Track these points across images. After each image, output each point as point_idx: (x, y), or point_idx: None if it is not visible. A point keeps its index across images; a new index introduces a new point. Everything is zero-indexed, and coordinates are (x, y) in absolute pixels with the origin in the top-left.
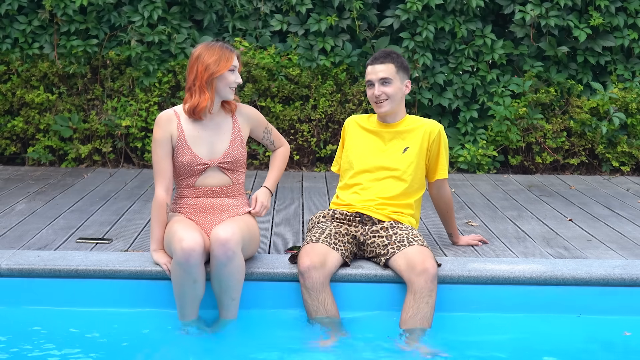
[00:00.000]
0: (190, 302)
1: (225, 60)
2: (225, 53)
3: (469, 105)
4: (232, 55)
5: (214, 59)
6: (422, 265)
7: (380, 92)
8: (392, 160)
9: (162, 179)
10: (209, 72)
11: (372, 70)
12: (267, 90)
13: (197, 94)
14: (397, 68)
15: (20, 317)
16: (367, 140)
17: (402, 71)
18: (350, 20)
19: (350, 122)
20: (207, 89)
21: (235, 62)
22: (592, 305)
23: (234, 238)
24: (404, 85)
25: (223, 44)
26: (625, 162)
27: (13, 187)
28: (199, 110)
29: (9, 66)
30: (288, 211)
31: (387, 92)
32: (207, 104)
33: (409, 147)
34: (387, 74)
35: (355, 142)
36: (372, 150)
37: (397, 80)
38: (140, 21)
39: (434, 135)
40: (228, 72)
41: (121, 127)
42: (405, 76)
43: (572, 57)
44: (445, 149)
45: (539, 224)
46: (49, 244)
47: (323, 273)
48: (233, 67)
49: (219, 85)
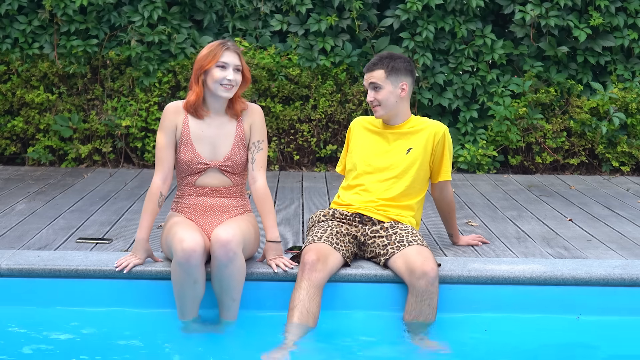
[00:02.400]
0: (190, 302)
1: (212, 56)
2: (216, 49)
3: (469, 105)
4: (220, 50)
5: (204, 53)
6: (421, 268)
7: (372, 98)
8: (394, 161)
9: (161, 168)
10: (198, 66)
11: (366, 77)
12: (267, 90)
13: (191, 89)
14: (387, 73)
15: (20, 317)
16: (371, 142)
17: (393, 74)
18: (350, 20)
19: (355, 124)
20: (197, 85)
21: (226, 59)
22: (592, 305)
23: (235, 239)
24: (398, 89)
25: (223, 41)
26: (625, 162)
27: (13, 187)
28: (193, 106)
29: (9, 66)
30: (288, 211)
31: (377, 98)
32: (197, 100)
33: (412, 148)
34: (376, 79)
35: (359, 144)
36: (375, 152)
37: (387, 85)
38: (140, 21)
39: (439, 136)
40: (216, 68)
41: (121, 127)
42: (399, 78)
43: (572, 57)
44: (450, 151)
45: (539, 224)
46: (49, 244)
47: (324, 272)
48: (222, 63)
49: (208, 81)
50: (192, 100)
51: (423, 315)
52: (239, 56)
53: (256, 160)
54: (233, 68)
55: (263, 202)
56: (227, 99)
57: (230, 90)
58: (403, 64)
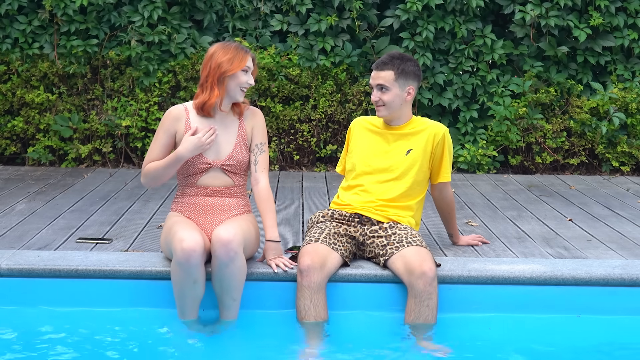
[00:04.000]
0: (190, 302)
1: (239, 60)
2: (240, 53)
3: (469, 105)
4: (246, 56)
5: (228, 57)
6: (420, 268)
7: (377, 98)
8: (394, 162)
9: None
10: (222, 70)
11: (373, 75)
12: (267, 90)
13: (207, 91)
14: (397, 75)
15: (20, 317)
16: (371, 142)
17: (402, 78)
18: (350, 20)
19: (356, 124)
20: (218, 87)
21: (250, 64)
22: (592, 305)
23: (236, 239)
24: (404, 92)
25: (239, 44)
26: (625, 162)
27: (13, 187)
28: (208, 106)
29: (9, 66)
30: (288, 211)
31: (383, 99)
32: (215, 101)
33: (412, 149)
34: (384, 81)
35: (359, 144)
36: (375, 152)
37: (395, 87)
38: (140, 21)
39: (438, 137)
40: (241, 72)
41: (121, 127)
42: (407, 82)
43: (572, 57)
44: (450, 152)
45: (539, 224)
46: (49, 244)
47: (322, 275)
48: (247, 67)
49: (230, 85)
50: (211, 103)
51: (423, 317)
52: (254, 61)
53: (259, 162)
54: (252, 72)
55: (264, 202)
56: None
57: (244, 93)
58: (413, 68)
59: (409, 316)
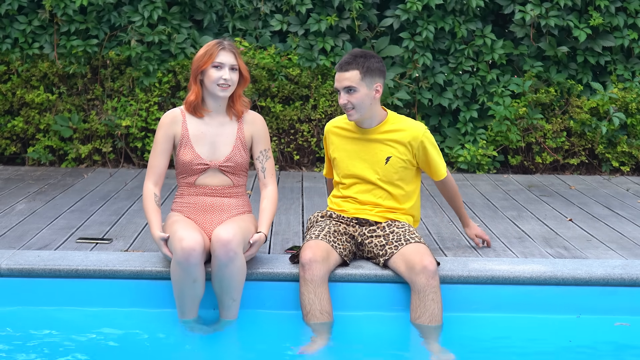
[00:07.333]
0: (190, 302)
1: (208, 56)
2: (211, 49)
3: (469, 105)
4: (216, 50)
5: (201, 53)
6: (420, 263)
7: (345, 101)
8: (375, 170)
9: (152, 174)
10: (195, 67)
11: (338, 77)
12: (267, 90)
13: (190, 89)
14: (363, 74)
15: (20, 317)
16: (349, 151)
17: (369, 76)
18: (350, 20)
19: (329, 132)
20: (196, 84)
21: (222, 59)
22: (592, 305)
23: (236, 239)
24: (372, 90)
25: (219, 40)
26: (625, 162)
27: (13, 187)
28: (193, 105)
29: (9, 66)
30: (288, 211)
31: (352, 101)
32: (195, 98)
33: (391, 157)
34: (350, 82)
35: (338, 154)
36: (355, 162)
37: (362, 87)
38: (140, 21)
39: (417, 142)
40: (212, 68)
41: (121, 127)
42: (374, 80)
43: (572, 57)
44: (434, 150)
45: (539, 224)
46: (49, 244)
47: (324, 267)
48: (218, 63)
49: (205, 81)
50: (191, 100)
51: (429, 311)
52: (235, 55)
53: (267, 169)
54: (229, 67)
55: (268, 202)
56: (225, 98)
57: (227, 90)
58: (378, 64)
59: (414, 313)
